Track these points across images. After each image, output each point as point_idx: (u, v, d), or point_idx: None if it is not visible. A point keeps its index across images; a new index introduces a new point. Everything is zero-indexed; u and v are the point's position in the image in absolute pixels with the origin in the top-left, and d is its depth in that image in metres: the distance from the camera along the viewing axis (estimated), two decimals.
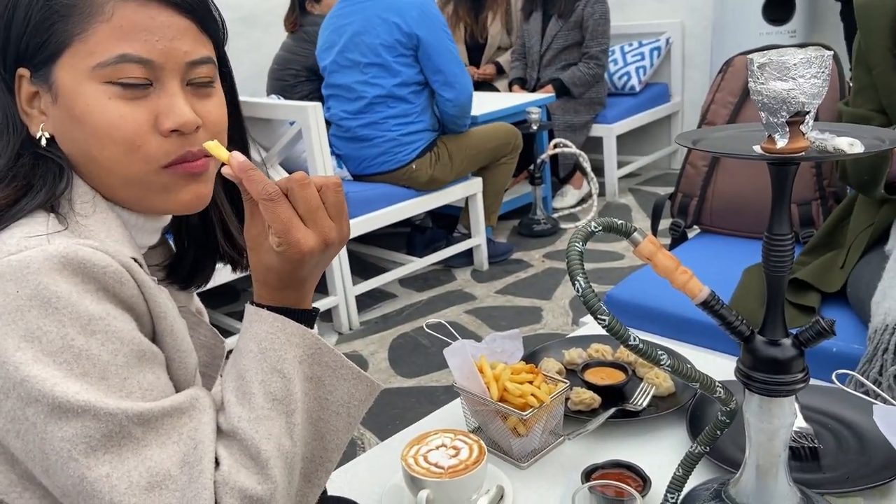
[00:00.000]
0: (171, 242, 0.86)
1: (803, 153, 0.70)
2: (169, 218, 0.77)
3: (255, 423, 0.64)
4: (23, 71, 0.67)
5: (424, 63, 2.82)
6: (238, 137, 0.82)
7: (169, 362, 0.67)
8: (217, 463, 0.63)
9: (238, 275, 0.89)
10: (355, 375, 0.71)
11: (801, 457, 1.06)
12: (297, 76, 3.25)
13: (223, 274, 0.88)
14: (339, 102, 2.94)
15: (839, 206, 1.60)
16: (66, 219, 0.64)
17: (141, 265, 0.66)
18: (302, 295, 0.70)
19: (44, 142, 0.67)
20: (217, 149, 0.67)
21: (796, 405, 1.11)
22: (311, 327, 0.71)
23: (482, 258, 3.31)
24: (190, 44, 0.67)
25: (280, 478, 0.63)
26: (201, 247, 0.82)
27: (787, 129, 0.70)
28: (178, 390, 0.66)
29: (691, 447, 0.86)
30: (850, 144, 0.68)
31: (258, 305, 0.69)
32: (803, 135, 0.71)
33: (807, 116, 0.70)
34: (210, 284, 2.67)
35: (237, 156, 0.64)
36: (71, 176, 0.67)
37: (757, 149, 0.74)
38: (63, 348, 0.58)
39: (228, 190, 0.82)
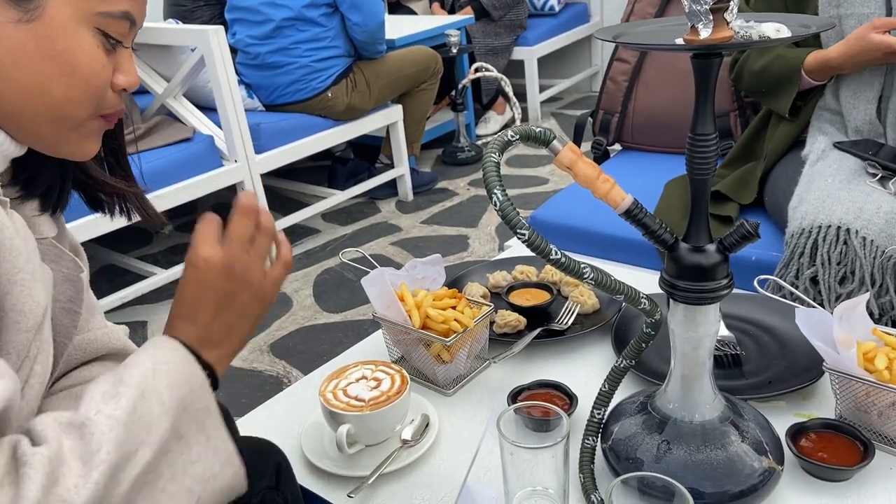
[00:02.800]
0: None
1: (728, 42, 0.65)
2: (25, 149, 0.69)
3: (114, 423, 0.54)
4: None
5: None
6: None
7: (8, 286, 0.58)
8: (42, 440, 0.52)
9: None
10: (228, 456, 0.61)
11: (724, 364, 1.06)
12: (196, 0, 3.01)
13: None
14: (244, 27, 2.75)
15: (756, 117, 1.59)
16: None
17: None
18: (204, 335, 0.66)
19: None
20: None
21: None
22: (213, 388, 0.64)
23: (406, 189, 3.24)
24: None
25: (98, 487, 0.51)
26: (56, 165, 0.74)
27: (711, 18, 0.65)
28: (26, 321, 0.59)
29: (617, 362, 0.84)
30: (776, 30, 0.63)
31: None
32: (727, 24, 0.66)
33: (731, 3, 0.65)
34: (118, 225, 2.47)
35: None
36: None
37: (680, 42, 0.69)
38: None
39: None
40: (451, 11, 3.94)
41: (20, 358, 0.61)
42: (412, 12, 4.13)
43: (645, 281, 1.28)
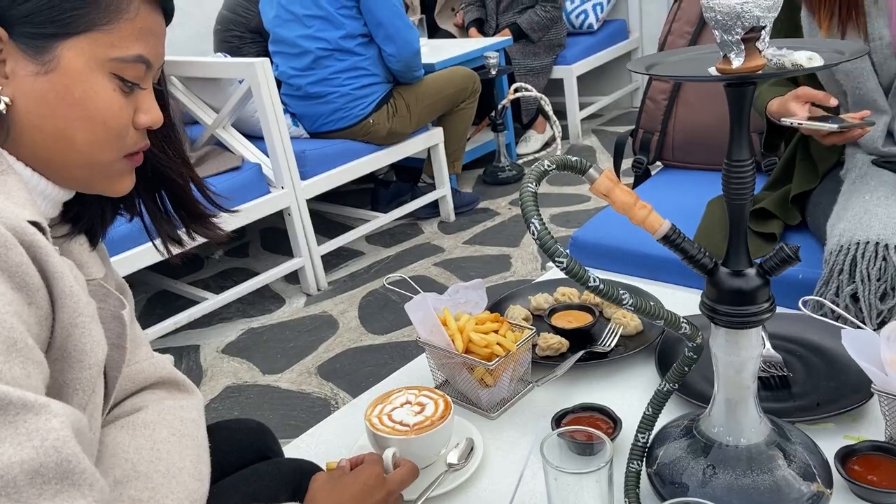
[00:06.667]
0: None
1: (761, 71, 0.66)
2: (73, 193, 0.74)
3: None
4: None
5: (366, 16, 2.70)
6: (170, 134, 0.81)
7: (70, 329, 0.62)
8: None
9: (198, 242, 0.90)
10: None
11: (772, 386, 1.05)
12: (243, 38, 3.11)
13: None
14: (285, 59, 2.83)
15: (795, 137, 1.57)
16: None
17: (43, 230, 0.62)
18: None
19: (1, 106, 0.65)
20: (331, 465, 0.89)
21: (764, 334, 1.11)
22: None
23: (448, 209, 3.27)
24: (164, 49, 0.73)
25: None
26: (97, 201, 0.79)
27: (743, 47, 0.66)
28: (88, 359, 0.63)
29: (660, 385, 0.84)
30: (808, 58, 0.64)
31: None
32: (759, 52, 0.67)
33: (762, 32, 0.66)
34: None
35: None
36: None
37: (713, 70, 0.70)
38: None
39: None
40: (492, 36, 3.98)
41: (87, 393, 0.64)
42: (451, 35, 4.18)
43: (689, 301, 1.27)
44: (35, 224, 0.61)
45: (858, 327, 0.98)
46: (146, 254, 2.20)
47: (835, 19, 1.27)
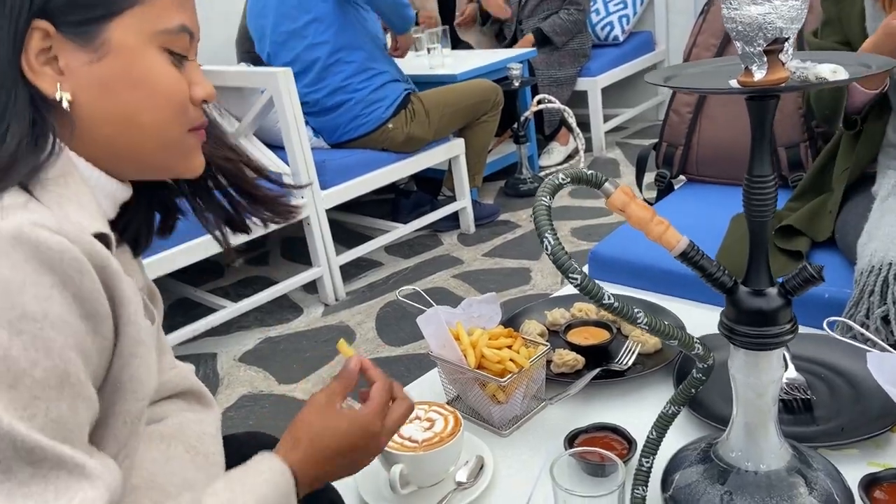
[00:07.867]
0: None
1: (783, 84, 0.64)
2: (130, 191, 0.73)
3: None
4: (42, 24, 0.62)
5: None
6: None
7: (129, 359, 0.61)
8: None
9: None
10: None
11: (794, 409, 1.02)
12: None
13: (206, 249, 0.85)
14: (295, 80, 2.84)
15: (826, 147, 1.53)
16: (36, 186, 0.59)
17: (110, 242, 0.61)
18: (315, 478, 0.73)
19: (65, 104, 0.63)
20: (344, 346, 0.87)
21: (787, 355, 1.07)
22: None
23: (468, 221, 3.25)
24: None
25: None
26: (144, 209, 0.78)
27: (765, 59, 0.64)
28: (142, 390, 0.61)
29: (665, 408, 0.81)
30: (832, 72, 0.61)
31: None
32: (783, 64, 0.65)
33: (786, 44, 0.64)
34: (193, 259, 2.55)
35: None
36: (58, 146, 0.63)
37: (734, 83, 0.68)
38: None
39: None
40: (514, 42, 3.97)
41: (134, 424, 0.63)
42: (469, 46, 4.18)
43: (711, 319, 1.23)
44: (103, 236, 0.60)
45: (886, 350, 0.94)
46: (167, 261, 2.20)
47: None
